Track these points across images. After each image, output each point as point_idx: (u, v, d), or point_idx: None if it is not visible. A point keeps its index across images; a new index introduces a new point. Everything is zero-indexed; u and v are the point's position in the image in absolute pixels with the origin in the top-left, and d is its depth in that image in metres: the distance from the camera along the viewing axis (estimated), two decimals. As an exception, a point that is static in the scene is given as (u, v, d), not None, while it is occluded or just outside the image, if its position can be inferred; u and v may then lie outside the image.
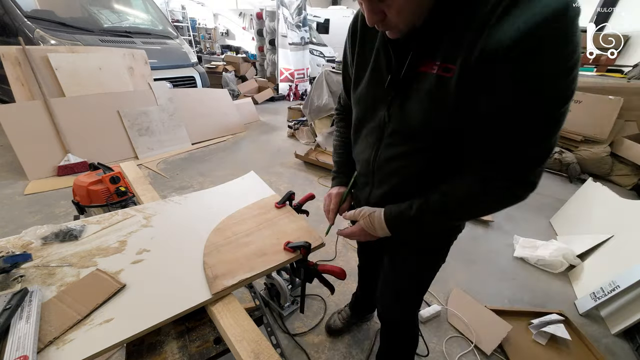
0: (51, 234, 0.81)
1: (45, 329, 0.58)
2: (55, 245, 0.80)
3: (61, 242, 0.81)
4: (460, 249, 2.03)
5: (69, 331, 0.58)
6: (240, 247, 0.83)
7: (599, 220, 2.00)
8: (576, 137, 3.50)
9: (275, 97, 6.02)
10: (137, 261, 0.76)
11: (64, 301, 0.64)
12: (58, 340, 0.56)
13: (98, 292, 0.66)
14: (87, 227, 0.87)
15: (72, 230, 0.83)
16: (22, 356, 0.51)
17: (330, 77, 3.49)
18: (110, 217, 0.93)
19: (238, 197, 1.08)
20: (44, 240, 0.80)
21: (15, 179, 2.49)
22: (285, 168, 3.10)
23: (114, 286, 0.68)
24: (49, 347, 0.55)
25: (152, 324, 0.61)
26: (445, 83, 0.52)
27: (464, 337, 1.43)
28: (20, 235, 0.81)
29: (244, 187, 1.15)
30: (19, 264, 0.71)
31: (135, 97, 3.11)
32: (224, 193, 1.11)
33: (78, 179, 1.28)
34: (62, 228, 0.82)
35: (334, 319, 1.43)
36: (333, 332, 1.41)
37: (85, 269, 0.73)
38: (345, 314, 1.43)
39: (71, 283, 0.69)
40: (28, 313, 0.59)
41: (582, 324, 1.53)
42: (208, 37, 10.21)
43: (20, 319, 0.58)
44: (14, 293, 0.61)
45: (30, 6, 2.98)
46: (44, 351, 0.55)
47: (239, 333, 0.62)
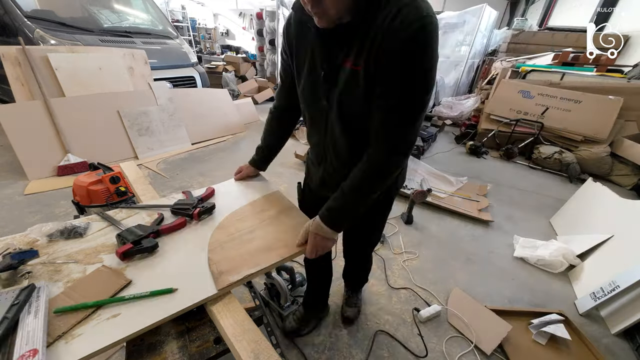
0: (56, 231, 0.82)
1: (54, 323, 0.59)
2: (60, 242, 0.81)
3: (66, 240, 0.82)
4: (460, 249, 2.04)
5: (77, 326, 0.59)
6: (244, 244, 0.85)
7: (599, 220, 2.00)
8: (576, 137, 3.51)
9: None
10: (142, 258, 0.77)
11: (71, 297, 0.65)
12: (67, 335, 0.58)
13: (104, 288, 0.67)
14: (92, 225, 0.88)
15: (76, 228, 0.84)
16: (32, 350, 0.52)
17: (330, 77, 3.50)
18: (115, 214, 0.94)
19: (241, 195, 1.10)
20: (49, 237, 0.81)
21: (15, 179, 2.49)
22: (285, 168, 3.10)
23: (120, 282, 0.69)
24: (58, 342, 0.56)
25: (158, 319, 0.62)
26: (356, 76, 0.67)
27: (463, 337, 1.43)
28: (26, 232, 0.82)
29: (247, 185, 1.18)
30: (26, 260, 0.73)
31: (135, 97, 3.11)
32: (226, 191, 1.13)
33: (78, 179, 1.28)
34: (67, 225, 0.83)
35: (289, 320, 1.40)
36: (289, 333, 1.37)
37: (91, 266, 0.74)
38: (299, 314, 1.40)
39: (78, 279, 0.70)
40: (36, 308, 0.60)
41: (582, 324, 1.53)
42: (208, 37, 10.20)
43: (29, 313, 0.59)
44: (21, 289, 0.62)
45: (30, 6, 2.97)
46: (53, 345, 0.56)
47: (238, 333, 0.62)
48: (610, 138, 3.39)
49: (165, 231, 0.86)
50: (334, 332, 1.43)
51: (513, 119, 3.80)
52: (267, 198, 1.07)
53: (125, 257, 0.75)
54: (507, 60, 5.36)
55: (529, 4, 10.45)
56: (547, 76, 4.08)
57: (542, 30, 6.41)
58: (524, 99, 3.84)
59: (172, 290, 0.68)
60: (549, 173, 3.45)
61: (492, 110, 4.04)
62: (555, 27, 6.39)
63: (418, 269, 1.84)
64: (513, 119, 3.80)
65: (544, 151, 3.53)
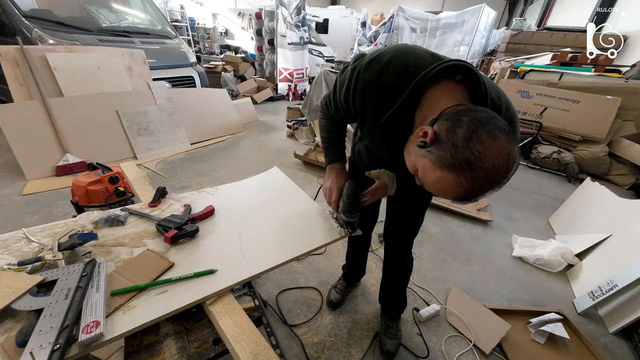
0: (100, 219, 0.92)
1: (112, 297, 0.67)
2: (105, 229, 0.91)
3: (110, 227, 0.92)
4: (459, 249, 2.04)
5: (132, 299, 0.67)
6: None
7: (597, 220, 2.01)
8: (574, 136, 3.51)
9: (275, 97, 6.01)
10: (180, 243, 0.87)
11: (123, 275, 0.73)
12: (123, 307, 0.65)
13: (151, 268, 0.76)
14: (130, 215, 0.98)
15: (118, 217, 0.94)
16: (95, 321, 0.59)
17: (329, 76, 3.49)
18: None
19: (263, 190, 1.21)
20: (94, 224, 0.91)
21: (13, 179, 2.48)
22: (284, 168, 3.10)
23: (165, 264, 0.77)
24: (117, 312, 0.64)
25: (201, 296, 0.70)
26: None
27: (463, 336, 1.44)
28: (76, 219, 0.92)
29: (268, 182, 1.28)
30: (87, 241, 0.82)
31: (134, 97, 3.10)
32: (250, 186, 1.24)
33: (77, 179, 1.27)
34: (110, 214, 0.94)
35: (332, 293, 1.57)
36: (334, 305, 1.53)
37: (137, 249, 0.83)
38: (341, 286, 1.58)
39: (127, 260, 0.79)
40: (97, 282, 0.68)
41: (580, 323, 1.54)
42: (207, 36, 10.16)
43: (92, 287, 0.67)
44: (86, 263, 0.72)
45: (28, 5, 2.96)
46: (112, 315, 0.63)
47: (237, 334, 0.62)
48: (608, 138, 3.40)
49: (199, 219, 0.97)
50: (334, 332, 1.43)
51: (512, 119, 3.80)
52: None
53: (173, 241, 0.85)
54: (506, 60, 5.37)
55: (527, 4, 10.47)
56: (546, 76, 4.09)
57: (541, 31, 6.42)
58: (522, 98, 3.84)
59: (212, 271, 0.76)
60: (547, 173, 3.46)
61: (491, 110, 4.03)
62: (554, 27, 6.40)
63: (417, 268, 1.84)
64: (512, 118, 3.80)
65: (542, 151, 3.54)
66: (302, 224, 1.00)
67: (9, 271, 0.68)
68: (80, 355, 0.56)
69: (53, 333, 0.55)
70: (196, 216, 0.96)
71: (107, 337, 0.58)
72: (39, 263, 0.72)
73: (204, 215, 0.98)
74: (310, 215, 1.05)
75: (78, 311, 0.60)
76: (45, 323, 0.57)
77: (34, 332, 0.55)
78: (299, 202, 1.14)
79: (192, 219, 0.94)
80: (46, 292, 0.65)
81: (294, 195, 1.19)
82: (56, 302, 0.61)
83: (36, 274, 0.68)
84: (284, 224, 1.00)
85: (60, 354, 0.52)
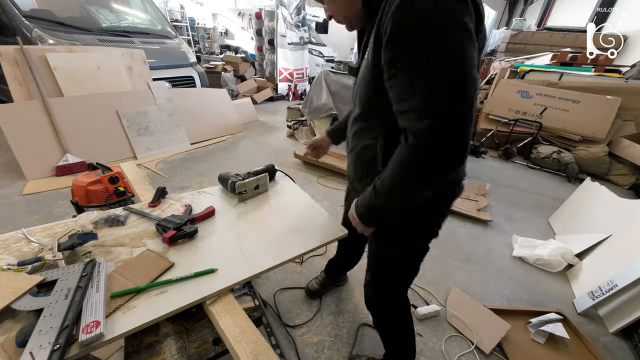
0: (100, 219, 0.92)
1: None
2: (105, 229, 0.91)
3: (110, 227, 0.92)
4: (459, 249, 2.04)
5: (132, 299, 0.67)
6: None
7: (597, 220, 2.01)
8: (574, 136, 3.51)
9: (275, 97, 6.01)
10: (180, 244, 0.87)
11: (123, 275, 0.73)
12: (124, 307, 0.65)
13: (151, 268, 0.76)
14: (130, 214, 0.99)
15: (118, 217, 0.94)
16: (95, 321, 0.59)
17: (330, 77, 3.49)
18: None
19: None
20: (94, 224, 0.91)
21: (13, 179, 2.48)
22: (284, 168, 3.08)
23: (164, 264, 0.77)
24: (117, 312, 0.64)
25: (201, 296, 0.70)
26: (367, 63, 0.69)
27: (463, 336, 1.44)
28: (76, 219, 0.93)
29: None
30: (87, 241, 0.82)
31: (134, 97, 3.10)
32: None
33: (77, 179, 1.27)
34: (109, 214, 0.94)
35: (312, 283, 1.62)
36: (312, 293, 1.58)
37: (137, 249, 0.83)
38: (321, 278, 1.62)
39: (127, 260, 0.79)
40: (97, 283, 0.68)
41: (580, 323, 1.54)
42: (207, 36, 10.17)
43: (92, 287, 0.67)
44: (86, 263, 0.72)
45: (28, 5, 2.96)
46: (112, 315, 0.63)
47: (237, 334, 0.62)
48: (608, 138, 3.40)
49: (198, 219, 0.97)
50: (334, 332, 1.43)
51: (512, 119, 3.81)
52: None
53: (171, 242, 0.85)
54: (506, 60, 5.37)
55: (527, 4, 10.46)
56: (546, 76, 4.09)
57: (541, 31, 6.42)
58: (522, 98, 3.84)
59: (213, 270, 0.77)
60: (547, 173, 3.46)
61: (491, 110, 4.04)
62: (554, 27, 6.40)
63: (417, 268, 1.84)
64: (512, 118, 3.81)
65: (542, 151, 3.54)
66: (302, 224, 1.00)
67: (9, 271, 0.68)
68: (80, 355, 0.56)
69: (53, 333, 0.55)
70: (196, 216, 0.96)
71: (107, 337, 0.58)
72: (38, 263, 0.72)
73: (205, 216, 0.98)
74: (310, 215, 1.06)
75: (78, 311, 0.60)
76: (45, 323, 0.57)
77: (34, 332, 0.55)
78: (299, 202, 1.14)
79: (192, 219, 0.94)
80: (46, 292, 0.65)
81: (294, 195, 1.19)
82: (56, 302, 0.61)
83: (36, 274, 0.68)
84: (283, 224, 1.00)
85: (60, 354, 0.52)
